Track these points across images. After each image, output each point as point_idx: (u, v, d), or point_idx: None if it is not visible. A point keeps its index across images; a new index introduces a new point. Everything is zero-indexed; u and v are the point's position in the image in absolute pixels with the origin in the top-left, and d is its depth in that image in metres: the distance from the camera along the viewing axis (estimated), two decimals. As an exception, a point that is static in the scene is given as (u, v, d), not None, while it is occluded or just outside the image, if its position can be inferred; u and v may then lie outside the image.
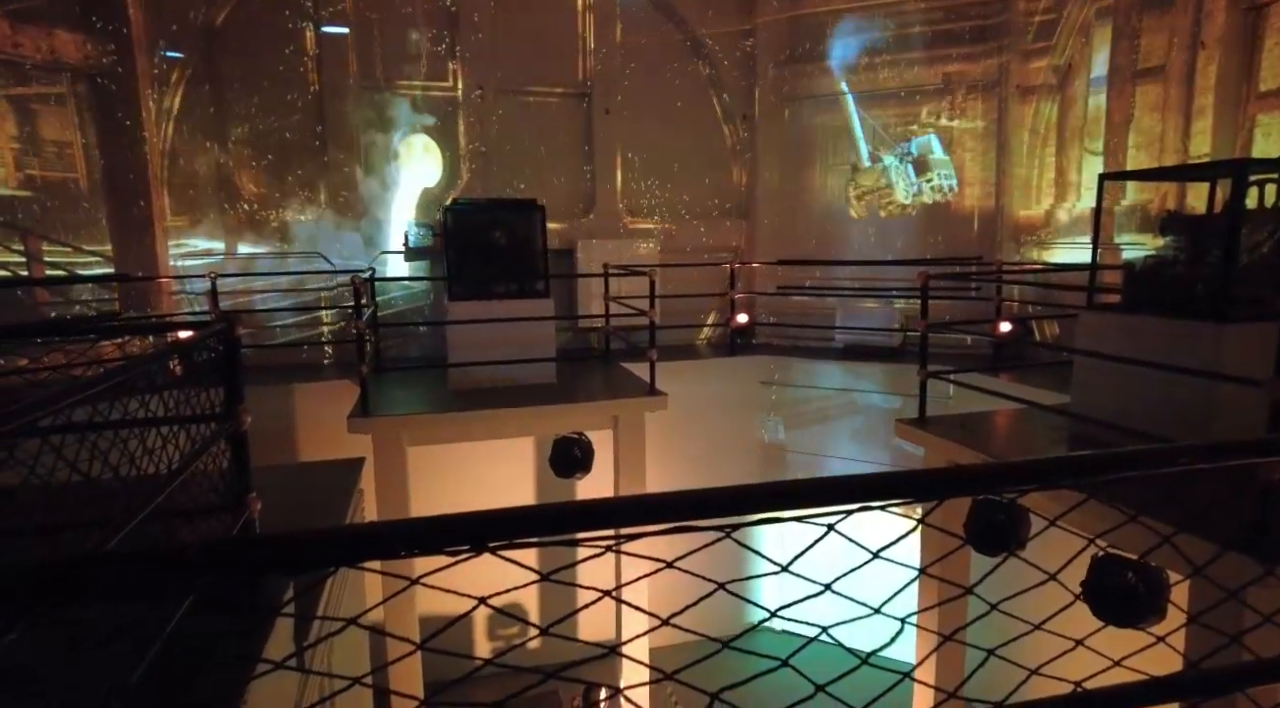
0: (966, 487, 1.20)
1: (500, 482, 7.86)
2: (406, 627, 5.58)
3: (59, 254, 7.15)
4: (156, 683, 1.75)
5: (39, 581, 0.83)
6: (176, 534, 2.33)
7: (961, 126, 8.69)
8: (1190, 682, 1.20)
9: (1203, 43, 6.49)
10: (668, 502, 1.00)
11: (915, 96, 8.85)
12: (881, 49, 8.84)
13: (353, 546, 0.97)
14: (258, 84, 8.05)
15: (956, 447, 4.63)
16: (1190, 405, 3.92)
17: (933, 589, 4.68)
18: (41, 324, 6.72)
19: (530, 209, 7.07)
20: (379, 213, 8.50)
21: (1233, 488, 2.82)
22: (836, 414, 8.66)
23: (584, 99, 9.11)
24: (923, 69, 8.73)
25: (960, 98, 8.64)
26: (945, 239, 8.76)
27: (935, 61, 8.68)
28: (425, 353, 8.42)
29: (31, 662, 1.43)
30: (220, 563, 0.92)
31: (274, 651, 2.32)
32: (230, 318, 2.58)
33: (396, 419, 5.79)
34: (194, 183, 8.00)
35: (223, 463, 2.62)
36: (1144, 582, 2.22)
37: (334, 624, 1.11)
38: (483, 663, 1.13)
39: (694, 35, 9.26)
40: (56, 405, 1.55)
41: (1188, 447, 1.21)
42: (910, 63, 8.77)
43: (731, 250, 9.64)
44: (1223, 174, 4.50)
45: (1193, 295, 4.21)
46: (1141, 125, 7.05)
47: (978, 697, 1.45)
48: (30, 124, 6.97)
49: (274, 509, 2.92)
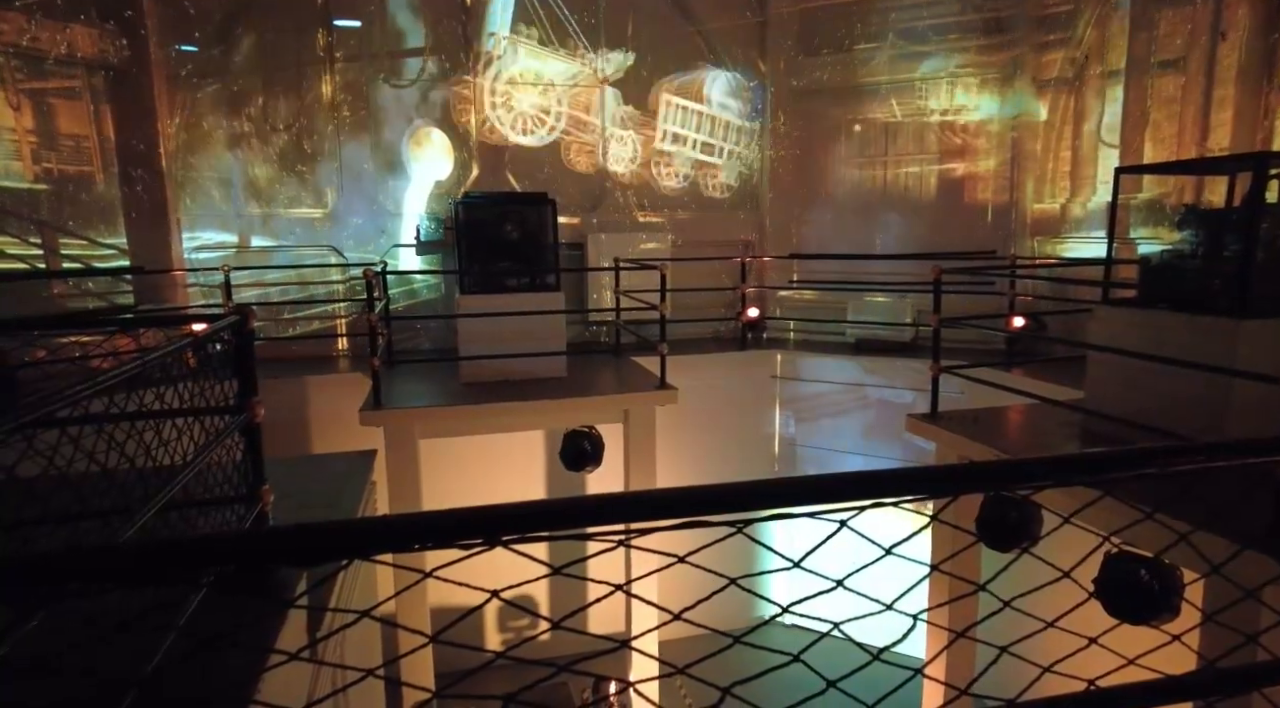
0: (978, 483, 1.19)
1: (511, 475, 7.90)
2: (418, 619, 5.63)
3: (75, 247, 7.22)
4: (172, 673, 1.77)
5: (59, 570, 0.84)
6: (192, 525, 2.35)
7: (975, 120, 8.60)
8: (1205, 681, 1.19)
9: (1223, 33, 6.39)
10: (679, 497, 1.00)
11: (927, 89, 8.77)
12: (895, 41, 8.76)
13: (365, 538, 0.97)
14: (271, 77, 8.08)
15: (969, 442, 4.60)
16: (1207, 402, 3.88)
17: (944, 586, 4.66)
18: (59, 317, 6.80)
19: (541, 202, 7.07)
20: (390, 206, 8.53)
21: (1250, 486, 2.79)
22: (848, 409, 8.63)
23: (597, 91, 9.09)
24: (936, 61, 8.65)
25: (974, 91, 8.56)
26: (959, 233, 8.69)
27: (950, 53, 8.59)
28: (436, 346, 8.46)
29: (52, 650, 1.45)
30: (234, 554, 0.93)
31: (287, 642, 2.34)
32: (244, 311, 2.59)
33: (408, 412, 5.82)
34: (208, 176, 8.05)
35: (236, 455, 2.64)
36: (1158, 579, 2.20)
37: (347, 616, 1.11)
38: (494, 656, 1.14)
39: (706, 27, 9.21)
40: (74, 397, 1.56)
41: (1204, 444, 1.20)
42: (923, 55, 8.69)
43: (742, 244, 9.61)
44: (1242, 167, 4.43)
45: (1210, 290, 4.16)
46: (1159, 118, 6.96)
47: (990, 694, 1.44)
48: (47, 118, 7.03)
49: (287, 501, 2.95)
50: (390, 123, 8.45)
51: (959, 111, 8.66)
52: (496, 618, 8.18)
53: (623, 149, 9.15)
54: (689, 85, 9.27)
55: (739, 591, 1.20)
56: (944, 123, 8.75)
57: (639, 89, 9.15)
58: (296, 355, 7.98)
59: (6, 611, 1.22)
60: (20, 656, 1.19)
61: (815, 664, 1.10)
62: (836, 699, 1.15)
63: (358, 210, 8.42)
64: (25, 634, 1.21)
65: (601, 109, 9.00)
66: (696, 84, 9.27)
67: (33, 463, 1.56)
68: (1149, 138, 7.04)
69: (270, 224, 8.29)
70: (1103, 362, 4.58)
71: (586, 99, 9.00)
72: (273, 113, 8.15)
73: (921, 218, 8.97)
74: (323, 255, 8.32)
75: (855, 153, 9.28)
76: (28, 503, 1.54)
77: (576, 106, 8.97)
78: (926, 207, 8.97)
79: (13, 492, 1.48)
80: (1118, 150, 7.34)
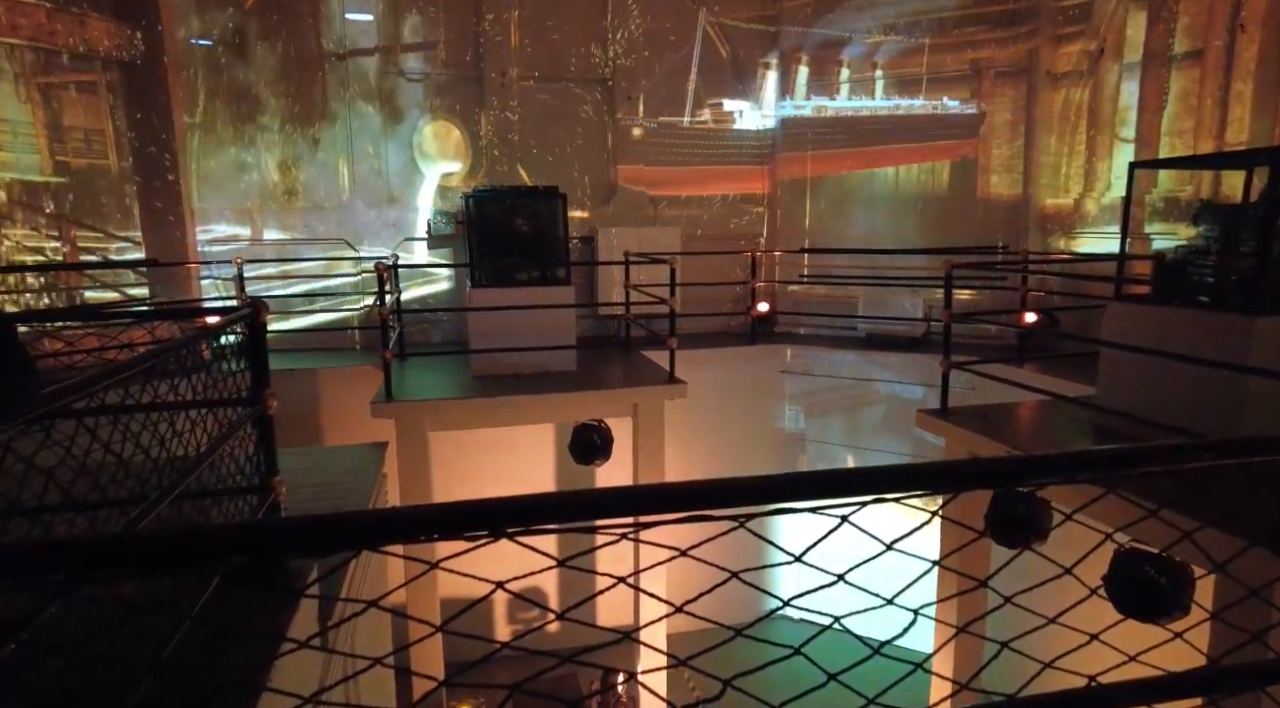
0: (986, 479, 1.19)
1: (521, 467, 7.94)
2: (427, 609, 5.68)
3: (91, 240, 7.30)
4: (186, 660, 1.80)
5: (77, 558, 0.86)
6: (205, 515, 2.39)
7: (989, 113, 8.53)
8: (1208, 678, 1.19)
9: (1242, 25, 6.30)
10: (682, 491, 1.01)
11: (941, 83, 8.70)
12: (908, 35, 8.69)
13: (375, 529, 0.99)
14: (284, 71, 8.13)
15: (978, 438, 4.59)
16: (1220, 400, 3.85)
17: (951, 581, 4.66)
18: (75, 309, 6.89)
19: (552, 196, 7.08)
20: (402, 200, 8.57)
21: (1261, 484, 2.77)
22: (857, 404, 8.61)
23: (606, 85, 9.08)
24: (950, 55, 8.58)
25: (989, 84, 8.48)
26: (971, 228, 8.64)
27: (963, 47, 8.52)
28: (447, 339, 8.50)
29: (70, 636, 1.49)
30: (247, 544, 0.95)
31: (298, 630, 2.38)
32: (257, 303, 2.62)
33: (419, 404, 5.86)
34: (222, 169, 8.11)
35: (249, 446, 2.67)
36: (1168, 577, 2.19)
37: (357, 606, 1.13)
38: (501, 646, 1.16)
39: (717, 21, 9.17)
40: (91, 388, 1.59)
41: (1215, 442, 1.19)
42: (937, 48, 8.61)
43: (753, 238, 9.59)
44: (1260, 161, 4.38)
45: (1225, 287, 4.11)
46: (1176, 111, 6.88)
47: (995, 689, 1.45)
48: (63, 112, 7.09)
49: (299, 491, 2.98)
50: (403, 116, 8.48)
51: (972, 104, 8.59)
52: (506, 609, 8.24)
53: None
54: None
55: (749, 586, 1.21)
56: (958, 116, 8.68)
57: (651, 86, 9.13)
58: (309, 347, 8.05)
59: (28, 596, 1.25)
60: (39, 640, 1.22)
61: (823, 659, 1.11)
62: (839, 693, 1.16)
63: (370, 204, 8.46)
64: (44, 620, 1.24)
65: (610, 102, 9.01)
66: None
67: (50, 453, 1.59)
68: (1165, 132, 6.96)
69: (283, 217, 8.34)
70: (1115, 358, 4.55)
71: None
72: (286, 107, 8.19)
73: (933, 212, 8.91)
74: (335, 249, 8.37)
75: (866, 145, 9.22)
76: (48, 491, 1.57)
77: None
78: (938, 201, 8.91)
79: (35, 480, 1.51)
80: (1133, 145, 7.26)
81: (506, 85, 8.65)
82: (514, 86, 8.68)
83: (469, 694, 6.96)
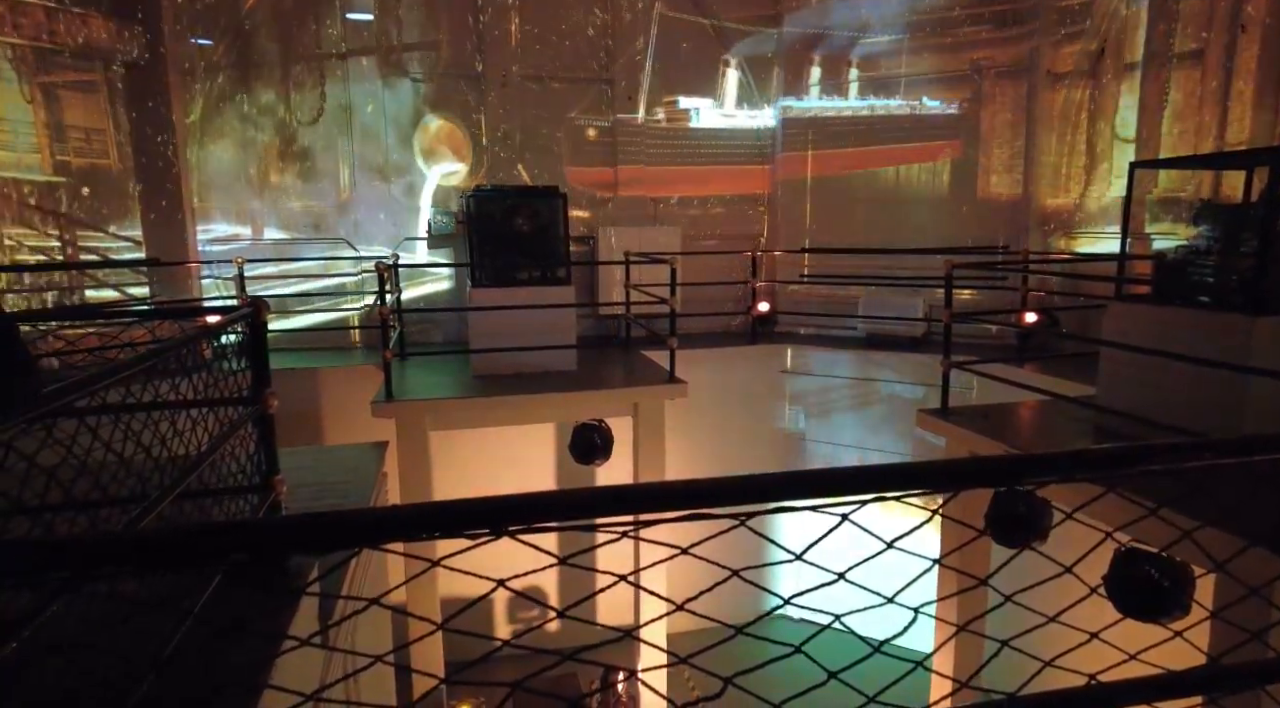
0: (986, 478, 1.19)
1: (521, 467, 7.94)
2: (428, 607, 5.68)
3: (92, 239, 7.30)
4: (187, 658, 1.80)
5: (79, 556, 0.86)
6: (206, 514, 2.39)
7: (989, 113, 8.53)
8: (1208, 677, 1.19)
9: (1243, 25, 6.30)
10: (681, 490, 1.01)
11: (941, 83, 8.70)
12: (908, 35, 8.69)
13: (375, 527, 0.99)
14: (285, 70, 8.13)
15: (979, 438, 4.59)
16: (1220, 399, 3.85)
17: (951, 580, 4.66)
18: (76, 308, 6.89)
19: (552, 196, 7.08)
20: (403, 199, 8.57)
21: (1261, 484, 2.77)
22: (858, 404, 8.61)
23: (607, 85, 9.08)
24: (950, 55, 8.58)
25: (989, 83, 8.48)
26: (971, 228, 8.63)
27: (963, 47, 8.52)
28: (448, 338, 8.50)
29: (71, 634, 1.49)
30: (248, 543, 0.95)
31: (299, 628, 2.38)
32: (258, 303, 2.62)
33: (419, 404, 5.86)
34: (222, 169, 8.12)
35: (250, 445, 2.68)
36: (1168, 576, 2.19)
37: (357, 604, 1.14)
38: (502, 644, 1.16)
39: (719, 22, 9.17)
40: (92, 387, 1.59)
41: (1214, 441, 1.19)
42: (937, 49, 8.61)
43: (753, 238, 9.59)
44: (1260, 162, 4.38)
45: (1225, 287, 4.11)
46: (1176, 111, 6.87)
47: (995, 688, 1.45)
48: (64, 111, 7.09)
49: (300, 490, 2.98)
50: (403, 115, 8.48)
51: (973, 104, 8.59)
52: (506, 607, 8.24)
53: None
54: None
55: (749, 584, 1.21)
56: (958, 116, 8.68)
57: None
58: (310, 347, 8.05)
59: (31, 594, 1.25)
60: (39, 639, 1.22)
61: (824, 657, 1.11)
62: (839, 691, 1.16)
63: (370, 203, 8.46)
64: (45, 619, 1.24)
65: (611, 101, 9.01)
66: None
67: (52, 452, 1.59)
68: (1165, 131, 6.95)
69: (283, 217, 8.34)
70: (1115, 358, 4.55)
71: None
72: (286, 106, 8.19)
73: (934, 212, 8.91)
74: (335, 248, 8.38)
75: (867, 145, 9.22)
76: (50, 490, 1.57)
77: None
78: (939, 200, 8.91)
79: (37, 478, 1.51)
80: (1133, 144, 7.26)
81: (508, 84, 8.64)
82: (516, 85, 8.68)
83: (469, 693, 6.97)
